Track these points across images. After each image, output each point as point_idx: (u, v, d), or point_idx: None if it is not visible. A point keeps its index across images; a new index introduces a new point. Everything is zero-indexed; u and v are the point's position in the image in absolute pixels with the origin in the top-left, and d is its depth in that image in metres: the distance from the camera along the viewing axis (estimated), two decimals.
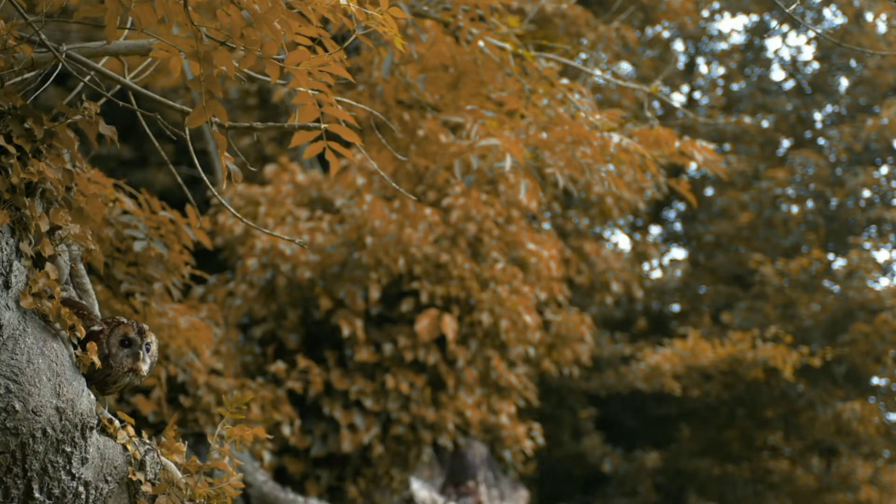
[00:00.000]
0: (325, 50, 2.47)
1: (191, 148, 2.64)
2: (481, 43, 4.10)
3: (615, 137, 4.06)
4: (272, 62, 2.24)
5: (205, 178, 2.68)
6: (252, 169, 2.86)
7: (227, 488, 2.53)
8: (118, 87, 2.68)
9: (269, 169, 8.93)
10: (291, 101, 2.46)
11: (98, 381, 2.47)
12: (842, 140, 13.64)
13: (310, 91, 2.31)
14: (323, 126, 2.38)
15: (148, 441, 2.53)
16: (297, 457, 7.74)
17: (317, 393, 7.71)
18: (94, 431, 2.37)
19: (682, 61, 16.05)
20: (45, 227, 2.35)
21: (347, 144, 2.52)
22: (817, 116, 15.16)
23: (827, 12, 14.81)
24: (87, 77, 2.62)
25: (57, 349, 2.30)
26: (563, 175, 4.19)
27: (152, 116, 2.71)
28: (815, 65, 15.19)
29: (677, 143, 4.32)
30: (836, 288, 12.94)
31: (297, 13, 2.18)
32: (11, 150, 2.28)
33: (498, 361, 8.28)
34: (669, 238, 16.17)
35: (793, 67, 15.55)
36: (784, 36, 15.68)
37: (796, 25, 14.01)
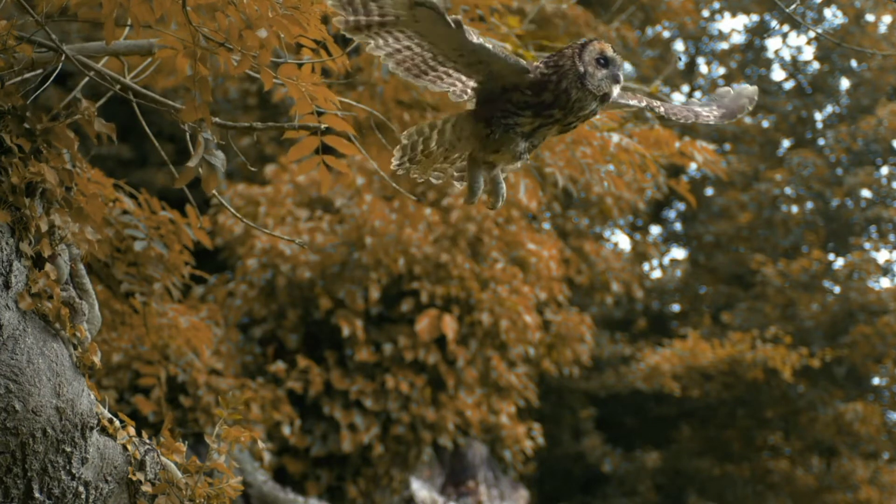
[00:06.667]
0: (328, 53, 2.47)
1: (191, 147, 2.63)
2: None
3: (615, 137, 4.06)
4: (266, 70, 2.25)
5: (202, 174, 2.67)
6: (252, 169, 2.86)
7: (226, 488, 2.53)
8: (118, 86, 2.68)
9: (269, 169, 8.93)
10: (292, 109, 2.46)
11: (555, 112, 2.10)
12: (840, 140, 13.64)
13: (308, 96, 2.31)
14: (323, 126, 2.38)
15: (148, 441, 2.53)
16: (297, 457, 7.74)
17: (317, 393, 7.71)
18: (94, 431, 2.37)
19: (682, 61, 16.04)
20: (44, 227, 2.36)
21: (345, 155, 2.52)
22: (817, 116, 15.16)
23: (827, 12, 14.81)
24: (86, 79, 2.62)
25: (57, 349, 2.30)
26: (562, 175, 4.19)
27: (162, 108, 2.71)
28: (816, 65, 15.19)
29: (677, 144, 4.32)
30: (837, 288, 12.94)
31: (295, 19, 2.18)
32: (13, 149, 2.28)
33: (498, 361, 8.28)
34: (669, 238, 16.17)
35: (793, 67, 15.56)
36: (784, 36, 15.68)
37: (797, 25, 14.01)
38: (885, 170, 14.09)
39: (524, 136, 2.18)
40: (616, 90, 2.10)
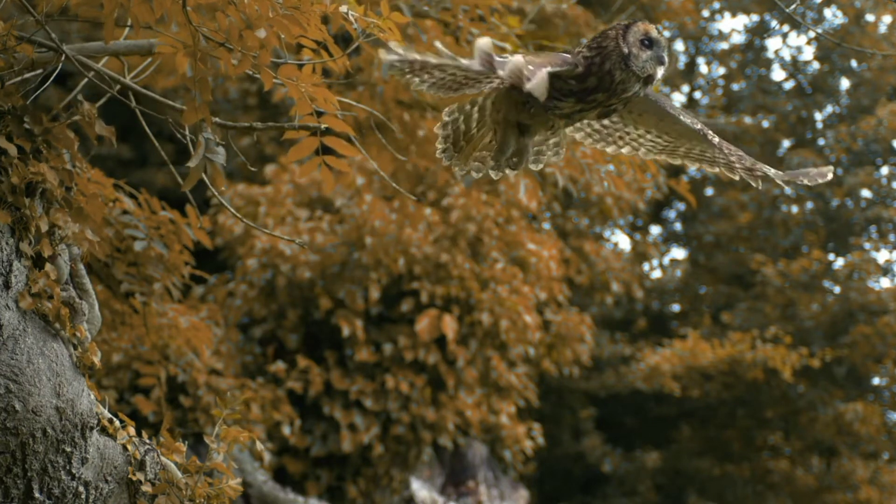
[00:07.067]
0: (329, 53, 2.47)
1: (191, 148, 2.64)
2: None
3: None
4: (266, 70, 2.25)
5: (205, 177, 2.67)
6: (252, 169, 2.86)
7: (226, 488, 2.53)
8: (118, 86, 2.68)
9: (269, 169, 8.93)
10: (292, 109, 2.46)
11: (597, 97, 2.03)
12: (840, 140, 13.65)
13: (308, 98, 2.31)
14: (322, 126, 2.38)
15: (148, 441, 2.53)
16: (297, 457, 7.74)
17: (317, 393, 7.71)
18: (94, 431, 2.37)
19: (682, 61, 16.05)
20: (45, 227, 2.36)
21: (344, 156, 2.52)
22: (817, 116, 15.16)
23: (827, 12, 14.81)
24: (86, 80, 2.62)
25: (57, 349, 2.30)
26: (562, 175, 4.20)
27: (160, 117, 2.71)
28: (816, 65, 15.19)
29: None
30: (837, 288, 12.94)
31: (295, 19, 2.18)
32: (12, 149, 2.28)
33: (498, 361, 8.28)
34: (669, 238, 16.16)
35: (793, 67, 15.55)
36: (784, 36, 15.68)
37: (797, 25, 14.01)
38: (885, 170, 14.10)
39: (563, 116, 2.14)
40: (661, 72, 2.05)
